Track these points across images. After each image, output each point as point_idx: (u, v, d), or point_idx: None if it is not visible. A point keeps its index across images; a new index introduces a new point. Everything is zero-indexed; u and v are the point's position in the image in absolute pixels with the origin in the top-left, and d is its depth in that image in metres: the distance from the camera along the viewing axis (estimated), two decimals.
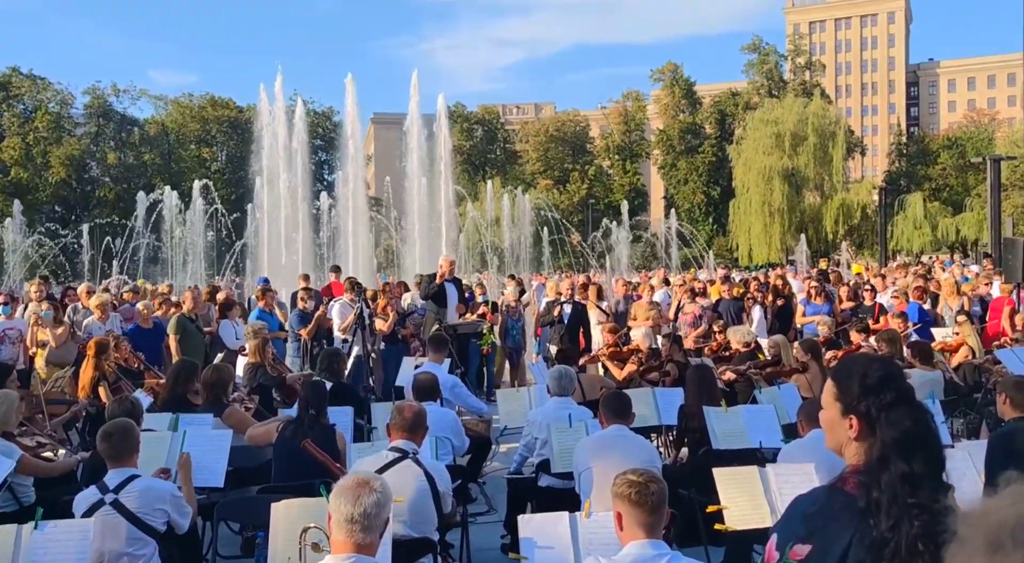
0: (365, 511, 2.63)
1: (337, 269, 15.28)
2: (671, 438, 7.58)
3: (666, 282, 16.16)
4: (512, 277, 16.85)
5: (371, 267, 25.36)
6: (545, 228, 37.24)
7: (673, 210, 51.25)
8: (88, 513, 4.01)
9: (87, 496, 4.13)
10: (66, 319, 10.32)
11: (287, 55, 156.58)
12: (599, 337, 12.00)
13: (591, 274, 21.73)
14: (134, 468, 4.25)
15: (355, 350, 10.19)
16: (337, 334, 11.19)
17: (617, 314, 12.60)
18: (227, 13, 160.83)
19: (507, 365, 13.10)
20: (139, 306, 10.65)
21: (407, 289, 13.72)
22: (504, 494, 6.49)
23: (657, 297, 13.95)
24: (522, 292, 15.54)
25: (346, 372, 8.44)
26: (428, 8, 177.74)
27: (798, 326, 12.55)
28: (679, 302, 12.53)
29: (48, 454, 5.85)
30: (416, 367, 8.13)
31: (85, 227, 33.16)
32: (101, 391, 7.68)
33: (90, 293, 10.94)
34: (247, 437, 5.86)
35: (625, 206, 48.02)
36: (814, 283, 13.58)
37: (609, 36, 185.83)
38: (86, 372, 7.79)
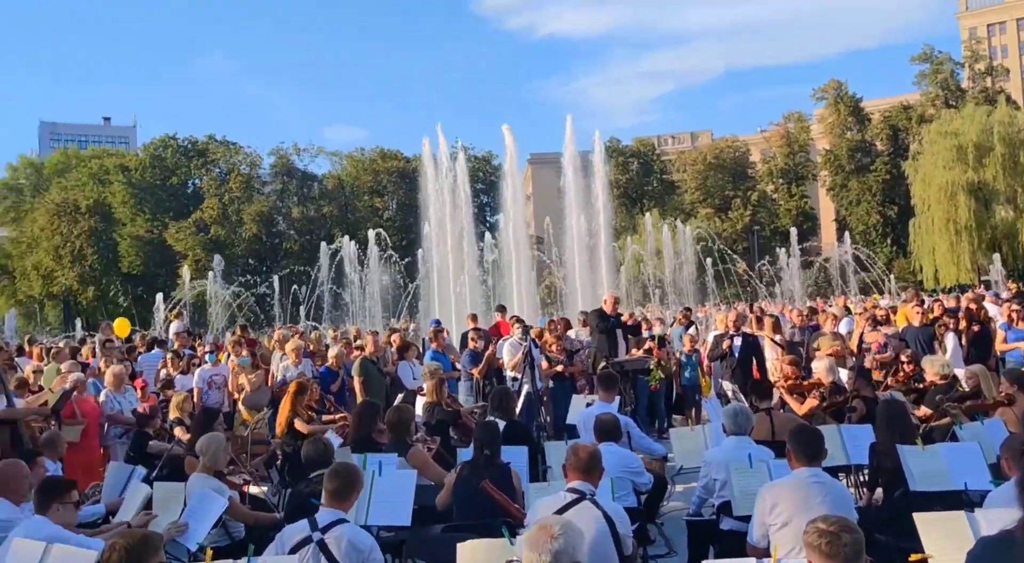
0: (554, 559, 2.67)
1: (502, 308, 15.63)
2: (861, 478, 7.14)
3: (847, 310, 15.33)
4: (688, 310, 16.58)
5: (535, 305, 25.72)
6: (708, 258, 36.40)
7: (846, 233, 48.59)
8: (295, 547, 4.25)
9: (299, 529, 4.36)
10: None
11: (448, 105, 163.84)
12: (775, 371, 11.55)
13: (761, 304, 20.94)
14: (344, 512, 4.45)
15: (525, 388, 10.35)
16: (507, 372, 11.42)
17: (792, 345, 12.07)
18: (392, 71, 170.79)
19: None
20: (331, 353, 11.28)
21: (570, 326, 13.80)
22: (683, 535, 6.34)
23: (841, 327, 13.25)
24: (689, 324, 15.25)
25: (517, 410, 8.59)
26: (578, 49, 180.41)
27: (999, 354, 11.52)
28: (861, 331, 11.83)
29: (253, 489, 6.27)
30: (587, 405, 8.15)
31: (275, 277, 35.93)
32: (299, 426, 8.17)
33: (284, 340, 11.75)
34: (443, 483, 6.01)
35: (794, 232, 46.09)
36: (1015, 306, 12.43)
37: (763, 59, 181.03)
38: (283, 413, 8.36)
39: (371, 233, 32.08)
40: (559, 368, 11.24)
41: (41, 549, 4.13)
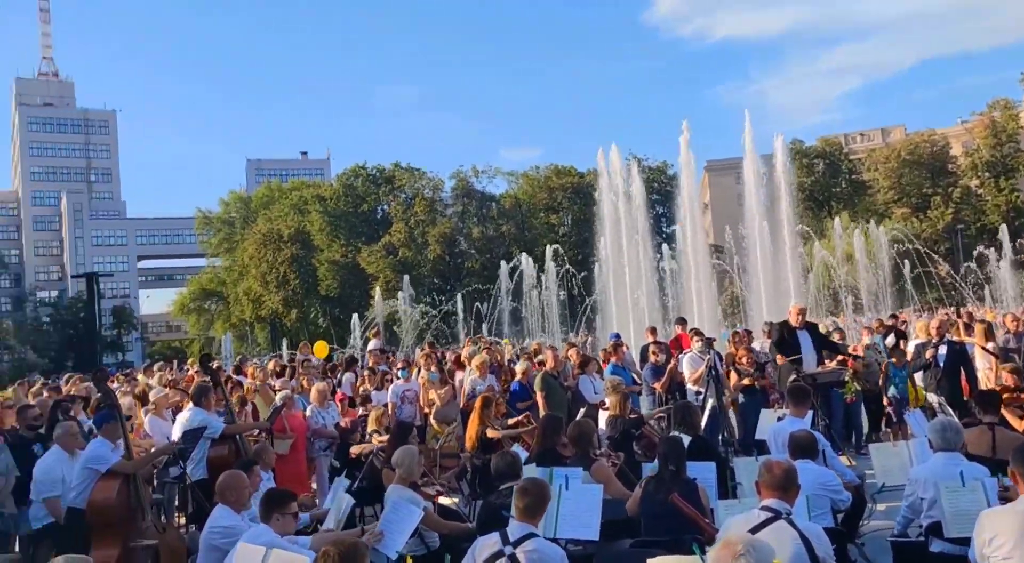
0: None
1: (683, 321, 15.38)
2: None
3: None
4: (894, 317, 15.58)
5: (715, 317, 25.08)
6: (906, 261, 33.93)
7: None
8: (488, 561, 4.43)
9: (491, 542, 4.53)
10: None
11: (621, 117, 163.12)
12: (987, 382, 10.61)
13: (970, 309, 19.24)
14: (535, 527, 4.58)
15: (709, 402, 10.14)
16: (689, 386, 11.24)
17: (1006, 353, 11.03)
18: (564, 88, 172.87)
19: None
20: (519, 368, 11.59)
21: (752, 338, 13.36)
22: (887, 557, 5.98)
23: None
24: (900, 335, 14.20)
25: (702, 425, 8.43)
26: (754, 51, 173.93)
27: None
28: None
29: (445, 501, 6.56)
30: (777, 419, 7.87)
31: (458, 296, 37.38)
32: (492, 434, 8.47)
33: (470, 356, 12.22)
34: (628, 508, 6.04)
35: (1004, 229, 41.98)
36: None
37: (959, 46, 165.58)
38: (472, 427, 8.70)
39: (548, 249, 32.66)
40: (748, 381, 10.93)
41: (262, 554, 4.45)
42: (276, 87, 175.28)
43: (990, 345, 11.12)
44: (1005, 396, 8.18)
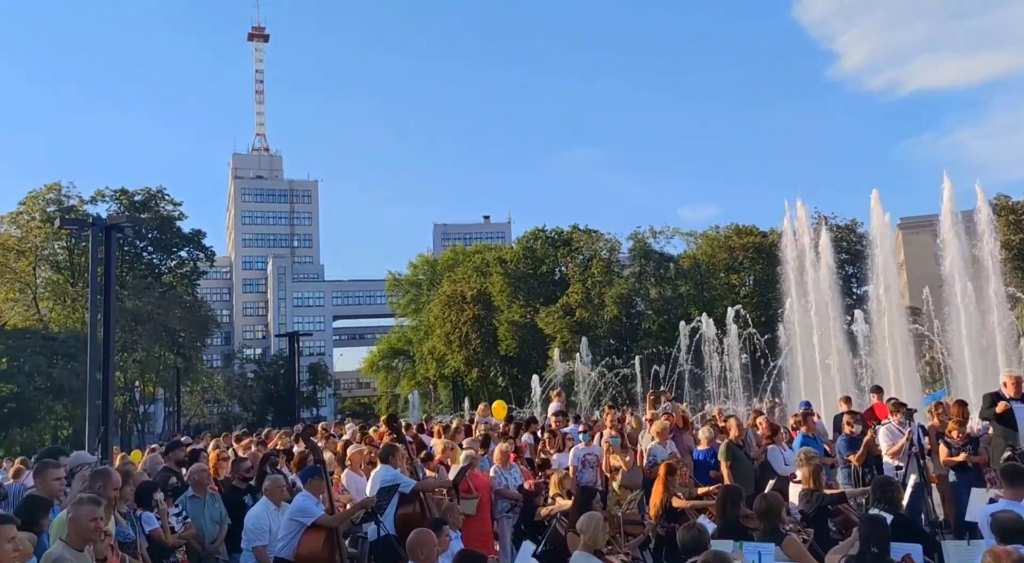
0: None
1: (879, 390, 14.55)
2: None
3: None
4: None
5: (914, 384, 23.37)
6: None
7: None
8: None
9: None
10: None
11: (807, 174, 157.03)
12: None
13: None
14: None
15: (912, 478, 9.52)
16: (887, 460, 10.59)
17: None
18: (746, 144, 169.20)
19: None
20: (702, 434, 11.45)
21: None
22: None
23: None
24: None
25: (904, 503, 7.96)
26: (951, 102, 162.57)
27: None
28: None
29: None
30: (990, 501, 7.29)
31: (637, 358, 37.06)
32: (677, 503, 8.39)
33: (651, 421, 12.17)
34: None
35: None
36: None
37: None
38: (656, 494, 8.67)
39: (729, 310, 31.86)
40: (961, 457, 10.15)
41: None
42: (463, 153, 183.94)
43: None
44: None
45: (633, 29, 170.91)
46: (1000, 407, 10.15)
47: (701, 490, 8.97)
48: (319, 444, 11.24)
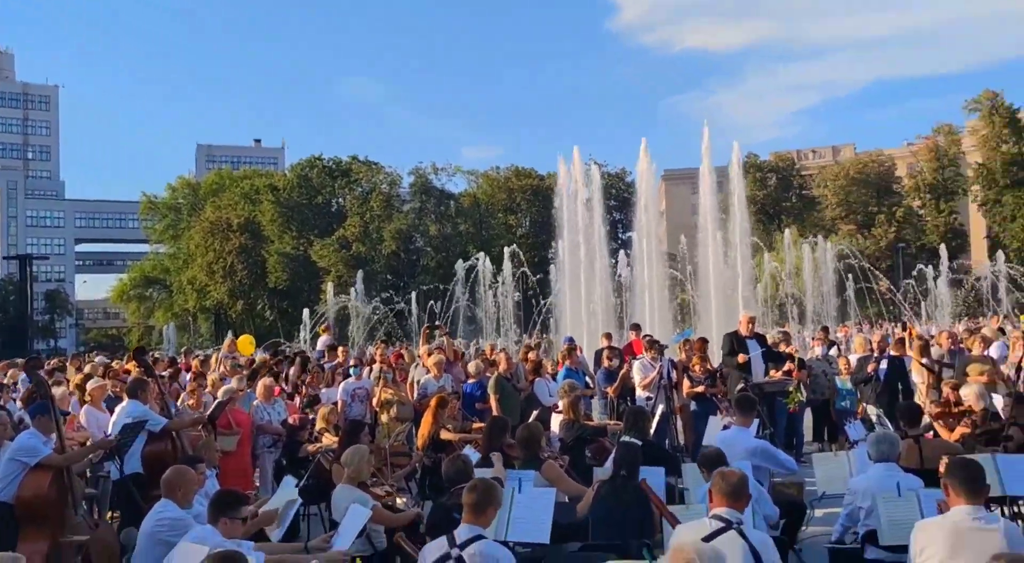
0: None
1: (637, 327, 15.59)
2: (1016, 510, 6.74)
3: (1001, 332, 14.35)
4: (824, 330, 16.02)
5: (667, 323, 25.40)
6: (849, 276, 34.79)
7: (999, 251, 45.24)
8: None
9: (437, 546, 4.51)
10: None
11: (583, 122, 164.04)
12: (922, 396, 10.98)
13: (909, 326, 19.84)
14: (483, 528, 4.55)
15: (660, 408, 10.31)
16: (640, 392, 11.41)
17: (941, 370, 11.43)
18: (528, 91, 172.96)
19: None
20: (471, 367, 11.65)
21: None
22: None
23: (993, 351, 12.44)
24: (831, 344, 14.70)
25: (651, 430, 8.58)
26: (716, 63, 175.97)
27: None
28: (1022, 355, 11.07)
29: (399, 501, 6.54)
30: (723, 428, 8.05)
31: (413, 294, 37.14)
32: (447, 435, 8.46)
33: (429, 353, 12.19)
34: (578, 508, 6.10)
35: (943, 249, 43.37)
36: None
37: (913, 69, 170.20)
38: (425, 426, 8.70)
39: (505, 250, 32.67)
40: (701, 389, 11.11)
41: (204, 552, 4.32)
42: (231, 73, 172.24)
43: (926, 360, 11.51)
44: (937, 411, 8.52)
45: None
46: (740, 359, 11.19)
47: (475, 426, 9.12)
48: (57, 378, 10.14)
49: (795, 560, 6.68)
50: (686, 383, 11.31)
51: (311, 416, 10.07)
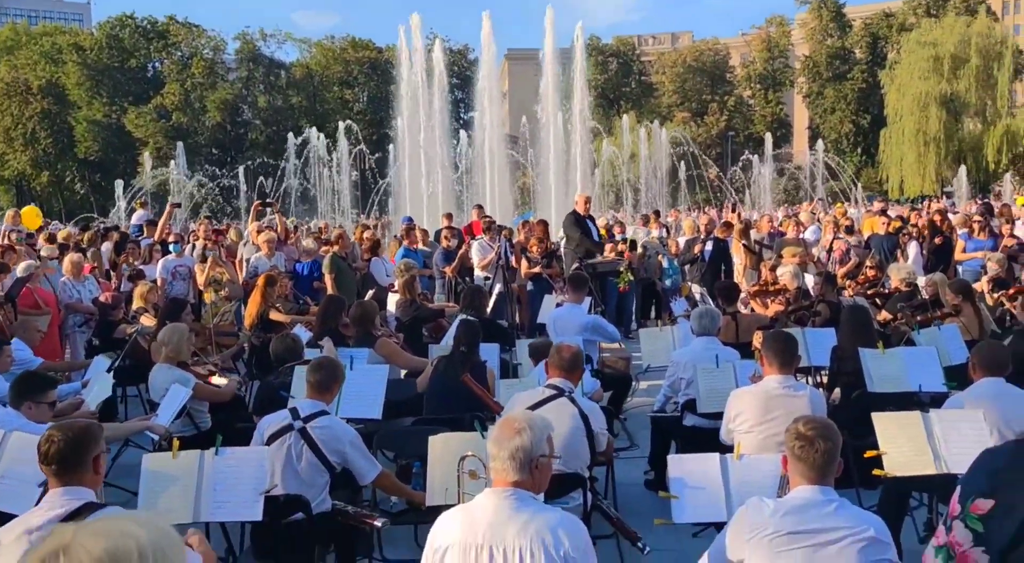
0: (513, 454, 2.70)
1: (479, 207, 15.51)
2: (820, 379, 7.37)
3: (814, 218, 15.44)
4: (656, 214, 16.59)
5: (509, 205, 25.56)
6: (682, 162, 36.21)
7: (819, 141, 48.52)
8: (275, 435, 4.25)
9: (278, 418, 4.36)
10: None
11: None
12: (741, 275, 11.70)
13: (736, 211, 21.03)
14: (327, 404, 4.45)
15: (497, 288, 10.39)
16: (478, 272, 11.43)
17: (761, 251, 12.19)
18: None
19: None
20: (303, 246, 11.17)
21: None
22: (646, 430, 6.53)
23: (807, 234, 13.38)
24: (663, 228, 15.31)
25: (489, 309, 8.63)
26: None
27: (958, 263, 11.73)
28: (831, 239, 11.98)
29: (219, 380, 6.25)
30: (557, 305, 8.21)
31: (240, 169, 35.11)
32: (276, 316, 8.13)
33: (260, 231, 11.52)
34: (418, 383, 6.05)
35: (769, 138, 45.88)
36: (978, 217, 12.60)
37: None
38: (253, 305, 8.29)
39: (341, 125, 31.29)
40: (537, 270, 11.24)
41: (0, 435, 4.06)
42: None
43: (746, 242, 12.22)
44: (754, 288, 9.11)
45: None
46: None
47: (314, 309, 8.77)
48: None
49: (620, 428, 7.03)
50: (524, 264, 11.42)
51: (125, 293, 9.39)
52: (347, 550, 4.35)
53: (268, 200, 15.62)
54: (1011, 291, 8.15)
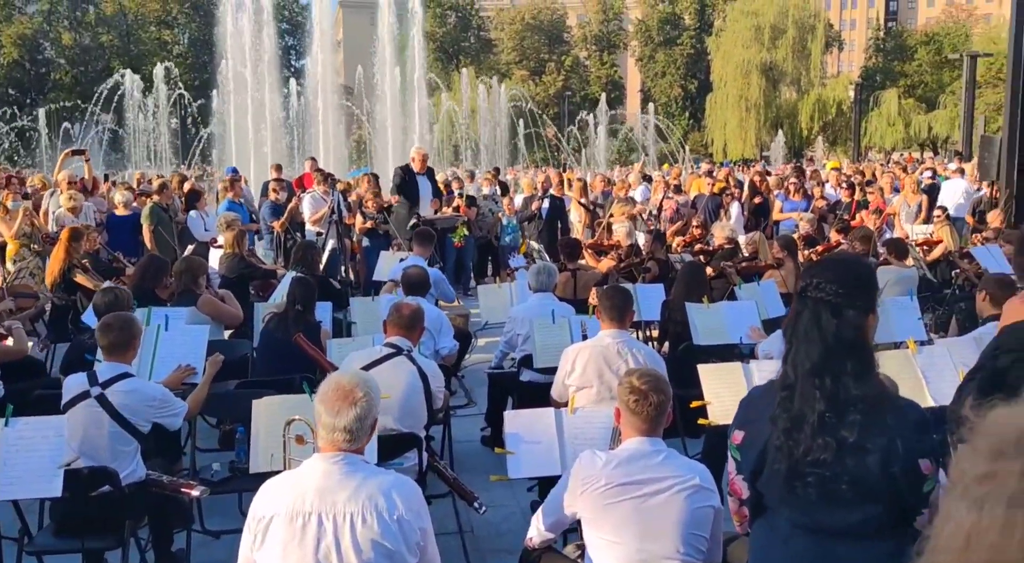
0: (348, 425, 2.56)
1: (313, 160, 14.92)
2: (649, 334, 7.65)
3: (646, 178, 15.99)
4: (496, 170, 16.56)
5: (343, 158, 24.81)
6: (521, 121, 36.47)
7: (651, 104, 50.35)
8: (73, 402, 3.90)
9: (77, 382, 3.99)
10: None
11: None
12: (577, 232, 11.95)
13: (572, 169, 21.45)
14: (128, 365, 4.09)
15: (330, 243, 10.03)
16: (309, 227, 10.97)
17: (596, 209, 12.47)
18: None
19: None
20: (117, 198, 10.30)
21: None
22: (484, 387, 6.51)
23: (636, 194, 13.82)
24: (504, 188, 15.25)
25: (321, 266, 8.31)
26: None
27: (775, 222, 12.55)
28: (661, 198, 12.44)
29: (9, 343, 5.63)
30: (400, 261, 8.00)
31: (41, 111, 31.82)
32: (81, 280, 7.42)
33: (70, 183, 10.43)
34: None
35: (603, 99, 47.10)
36: (793, 179, 13.50)
37: None
38: (55, 262, 7.51)
39: (158, 68, 28.96)
40: (370, 225, 10.91)
41: None
42: None
43: (584, 200, 12.48)
44: (589, 244, 9.33)
45: None
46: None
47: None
48: None
49: (458, 385, 6.98)
50: (359, 219, 11.08)
51: None
52: (161, 523, 4.03)
53: (80, 148, 14.28)
54: (819, 249, 8.81)
